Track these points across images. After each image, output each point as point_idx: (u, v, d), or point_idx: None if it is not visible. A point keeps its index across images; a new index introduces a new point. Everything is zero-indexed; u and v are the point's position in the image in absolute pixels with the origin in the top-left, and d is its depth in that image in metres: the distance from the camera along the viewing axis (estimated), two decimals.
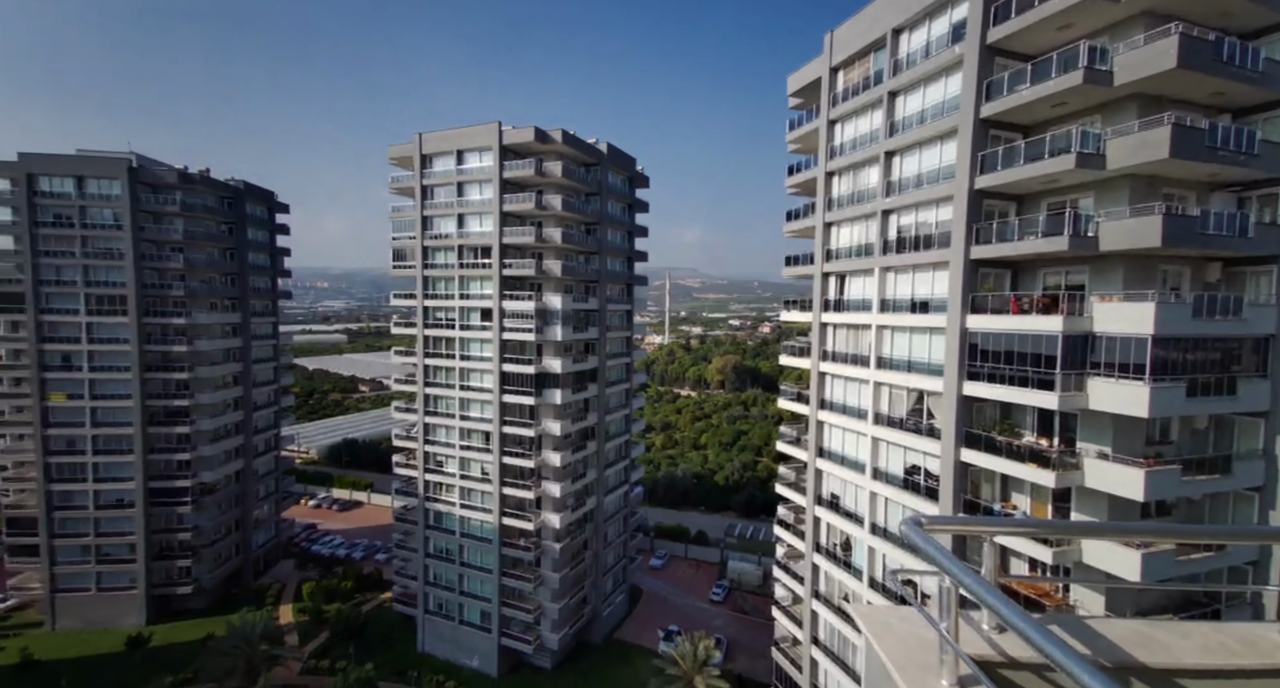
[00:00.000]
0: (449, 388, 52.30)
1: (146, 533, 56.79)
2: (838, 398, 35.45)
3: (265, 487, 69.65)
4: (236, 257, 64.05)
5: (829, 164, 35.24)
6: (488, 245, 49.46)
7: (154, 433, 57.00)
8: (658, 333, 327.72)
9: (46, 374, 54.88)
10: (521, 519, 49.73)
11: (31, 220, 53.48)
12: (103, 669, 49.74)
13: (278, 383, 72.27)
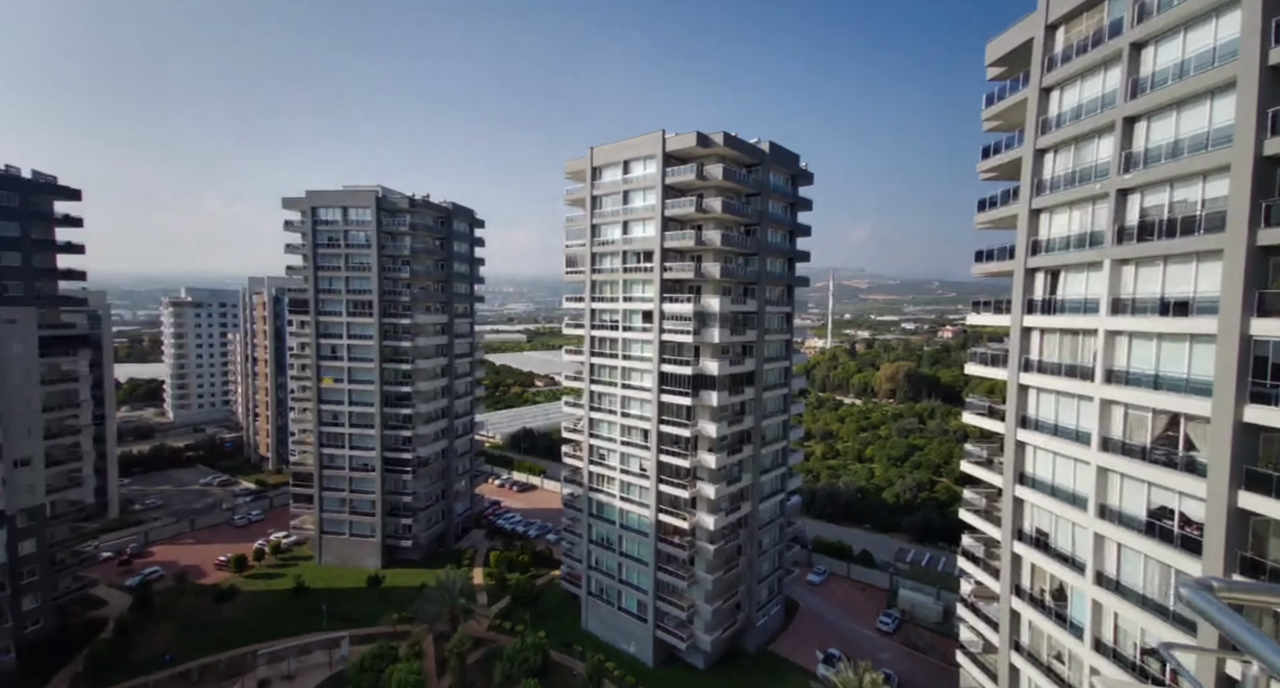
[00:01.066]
0: (612, 386, 55.56)
1: (382, 493, 70.10)
2: (1046, 416, 29.95)
3: (462, 465, 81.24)
4: (445, 267, 75.79)
5: (1040, 140, 29.96)
6: (649, 250, 51.50)
7: (388, 413, 70.04)
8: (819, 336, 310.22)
9: (321, 362, 70.72)
10: (677, 517, 50.81)
11: (314, 243, 69.38)
12: (350, 599, 62.51)
13: (473, 376, 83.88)
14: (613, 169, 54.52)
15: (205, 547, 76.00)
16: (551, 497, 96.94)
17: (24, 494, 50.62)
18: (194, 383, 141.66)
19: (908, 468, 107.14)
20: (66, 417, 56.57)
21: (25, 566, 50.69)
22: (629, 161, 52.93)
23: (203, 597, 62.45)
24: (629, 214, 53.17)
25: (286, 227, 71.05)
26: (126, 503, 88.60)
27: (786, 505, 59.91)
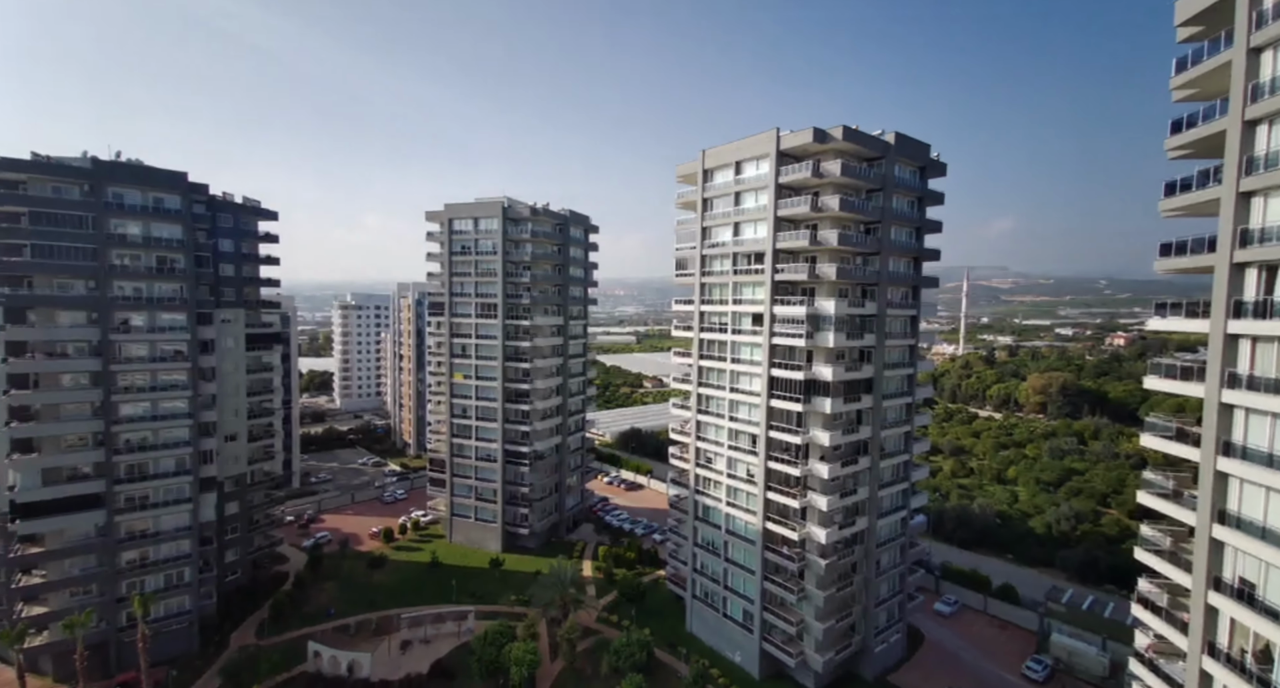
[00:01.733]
0: (720, 389, 54.90)
1: (503, 483, 75.80)
2: (1257, 443, 24.47)
3: (574, 461, 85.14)
4: (562, 271, 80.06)
5: (1250, 109, 24.59)
6: (760, 251, 50.17)
7: (508, 408, 75.57)
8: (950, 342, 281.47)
9: (453, 360, 78.21)
10: (786, 527, 48.86)
11: (449, 251, 76.97)
12: (474, 578, 68.26)
13: (585, 375, 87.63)
14: (724, 171, 53.94)
15: (362, 518, 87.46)
16: (658, 497, 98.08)
17: (231, 464, 61.92)
18: (355, 375, 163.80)
19: (1063, 494, 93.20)
20: (264, 401, 68.18)
21: (229, 524, 61.97)
22: (741, 162, 52.02)
23: (359, 562, 71.90)
24: (740, 215, 52.25)
25: (428, 237, 79.50)
26: (304, 476, 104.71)
27: (909, 524, 55.01)
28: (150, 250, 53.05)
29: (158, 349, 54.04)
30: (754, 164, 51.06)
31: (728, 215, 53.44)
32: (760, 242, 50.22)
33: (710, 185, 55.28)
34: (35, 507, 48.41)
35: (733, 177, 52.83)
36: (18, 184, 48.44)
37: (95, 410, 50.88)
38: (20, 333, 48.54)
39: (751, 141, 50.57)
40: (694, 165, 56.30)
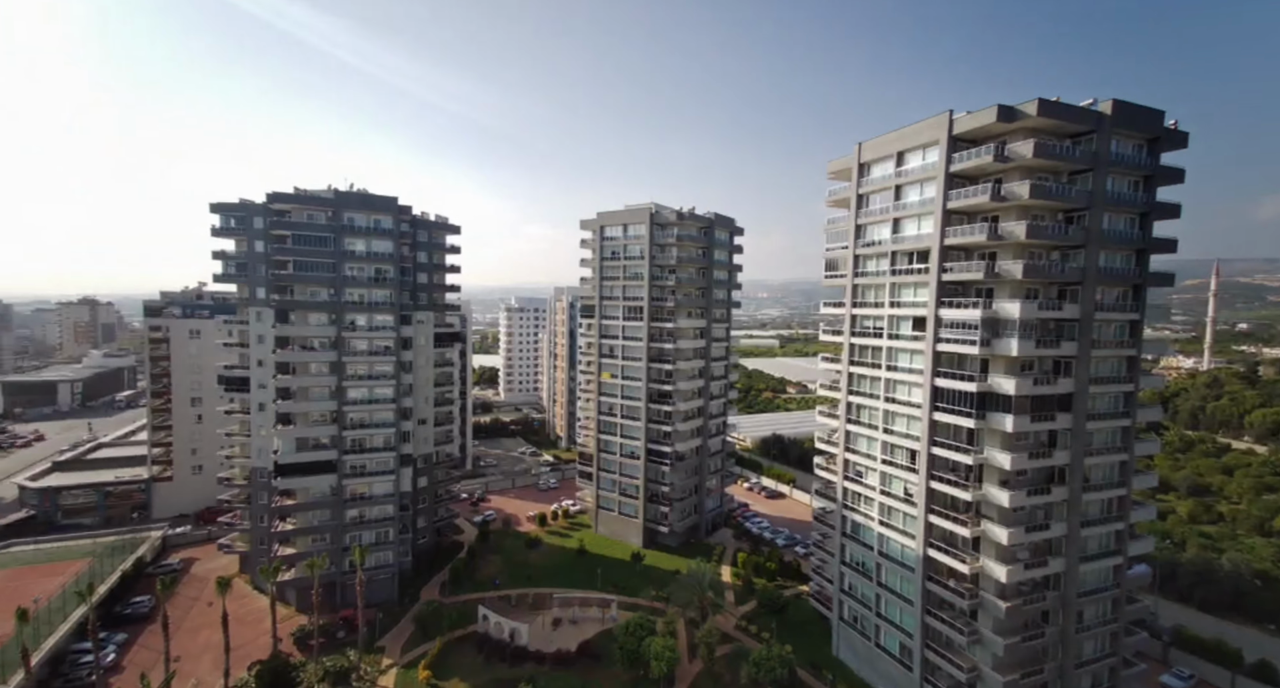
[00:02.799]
0: (873, 398, 50.83)
1: (645, 481, 78.47)
2: None
3: (714, 464, 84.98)
4: (706, 274, 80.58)
5: None
6: (924, 249, 45.47)
7: (651, 408, 78.03)
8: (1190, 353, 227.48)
9: (601, 360, 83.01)
10: (953, 557, 43.50)
11: (600, 257, 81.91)
12: (617, 569, 71.52)
13: (726, 378, 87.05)
14: (883, 163, 49.91)
15: (520, 502, 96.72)
16: (800, 507, 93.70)
17: (422, 445, 72.58)
18: (517, 371, 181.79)
19: None
20: (446, 391, 78.94)
21: (420, 496, 72.61)
22: (904, 153, 47.69)
23: (518, 541, 79.61)
24: (901, 211, 47.94)
25: (581, 244, 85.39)
26: (475, 460, 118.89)
27: (1126, 574, 45.55)
28: (370, 263, 64.58)
29: (373, 344, 65.55)
30: (919, 153, 46.46)
31: (885, 211, 49.33)
32: (924, 238, 45.53)
33: (866, 180, 51.53)
34: (290, 468, 61.67)
35: (893, 169, 48.63)
36: (284, 212, 62.26)
37: (332, 393, 63.28)
38: (285, 330, 62.19)
39: (917, 129, 46.10)
40: (847, 161, 52.97)
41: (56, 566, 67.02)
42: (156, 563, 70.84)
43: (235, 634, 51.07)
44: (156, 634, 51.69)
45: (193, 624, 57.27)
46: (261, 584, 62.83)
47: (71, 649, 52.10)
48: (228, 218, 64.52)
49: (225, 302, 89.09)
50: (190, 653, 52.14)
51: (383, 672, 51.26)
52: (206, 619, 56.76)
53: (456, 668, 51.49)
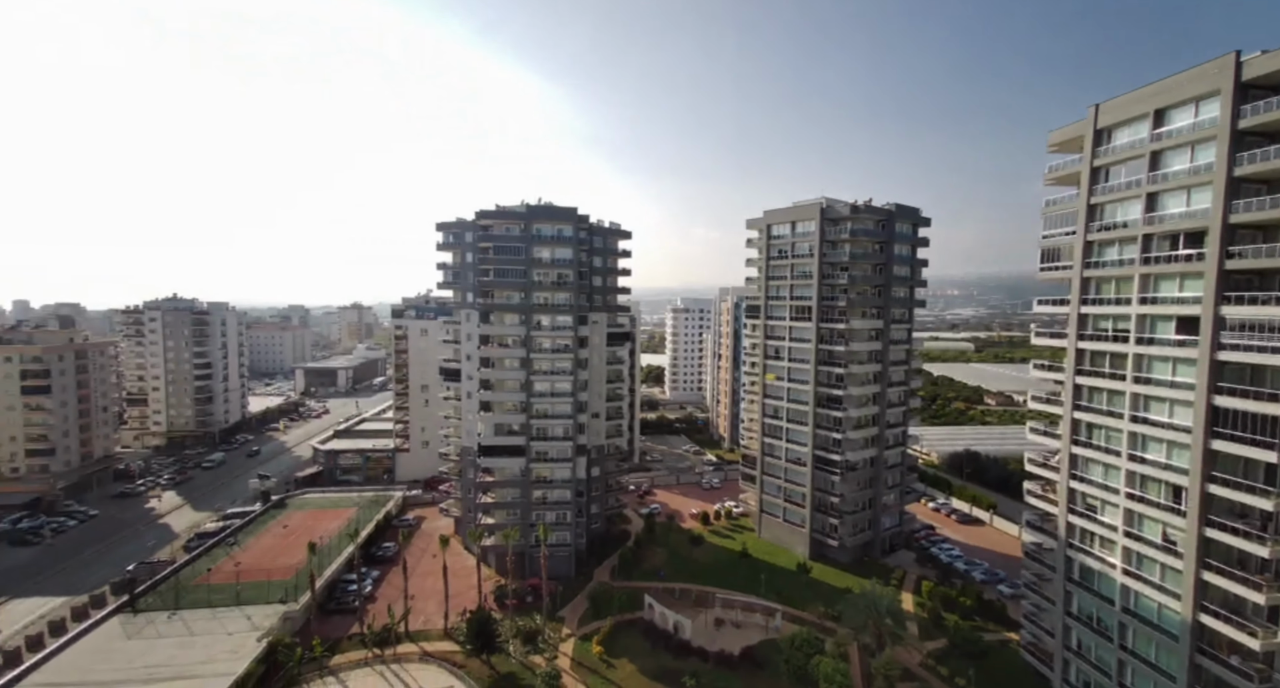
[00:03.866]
0: (1112, 417, 41.38)
1: (811, 489, 74.54)
2: None
3: (892, 477, 77.18)
4: (883, 271, 73.54)
5: None
6: (1198, 229, 35.63)
7: (819, 413, 73.75)
8: None
9: (766, 361, 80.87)
10: (1239, 628, 33.40)
11: (766, 256, 79.83)
12: (780, 577, 69.05)
13: (907, 385, 78.40)
14: (1132, 126, 40.41)
15: (684, 498, 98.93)
16: (1004, 539, 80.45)
17: (595, 437, 78.35)
18: (681, 371, 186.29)
19: None
20: (616, 388, 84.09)
21: (594, 484, 78.47)
22: (1165, 110, 38.06)
23: (682, 537, 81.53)
24: (1160, 183, 38.31)
25: (747, 244, 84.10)
26: (642, 454, 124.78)
27: None
28: (554, 268, 71.74)
29: (555, 342, 72.69)
30: (1189, 109, 36.62)
31: (1135, 185, 39.80)
32: (1197, 216, 35.74)
33: (1106, 149, 42.13)
34: (490, 449, 71.40)
35: (1147, 131, 39.02)
36: (488, 227, 72.18)
37: (521, 386, 71.77)
38: (486, 329, 72.18)
39: (1185, 78, 36.39)
40: (1077, 128, 43.92)
41: (334, 511, 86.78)
42: (399, 517, 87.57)
43: (451, 584, 60.74)
44: (398, 575, 63.95)
45: (423, 570, 69.51)
46: (470, 546, 73.77)
47: (342, 578, 67.03)
48: (448, 234, 76.99)
49: (445, 305, 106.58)
50: (421, 593, 63.35)
51: (563, 640, 56.58)
52: (431, 568, 68.44)
53: (625, 649, 54.58)
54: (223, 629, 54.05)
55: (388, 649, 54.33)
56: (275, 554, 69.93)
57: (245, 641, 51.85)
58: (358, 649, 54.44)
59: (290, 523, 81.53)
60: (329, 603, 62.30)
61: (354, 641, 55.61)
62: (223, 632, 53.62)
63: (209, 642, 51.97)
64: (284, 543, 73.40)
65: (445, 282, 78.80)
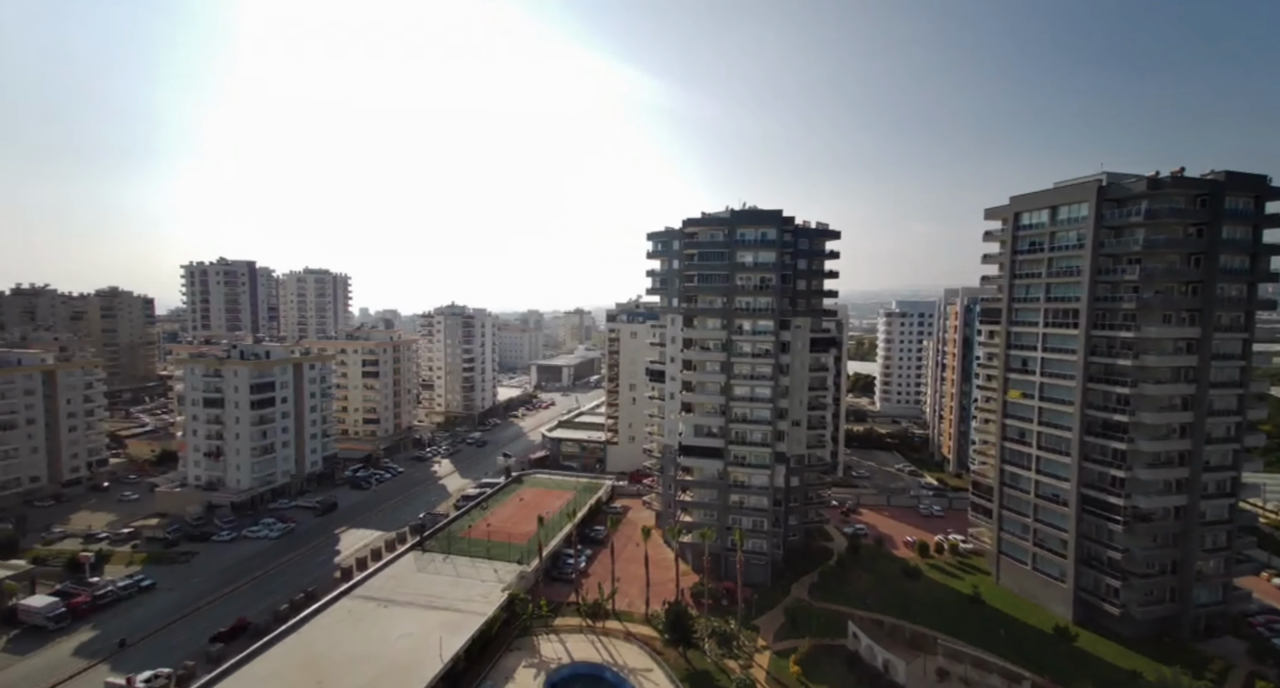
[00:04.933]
0: None
1: (1077, 536, 59.75)
2: None
3: (1213, 538, 57.60)
4: (1202, 262, 55.36)
5: None
6: None
7: (1090, 443, 58.75)
8: None
9: (1009, 374, 67.61)
10: None
11: (1012, 250, 66.82)
12: (1030, 639, 56.80)
13: (1241, 415, 57.65)
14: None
15: (896, 523, 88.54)
16: None
17: (794, 445, 74.96)
18: (895, 381, 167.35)
19: None
20: (819, 396, 79.27)
21: (792, 495, 75.13)
22: None
23: (893, 565, 73.06)
24: None
25: (985, 237, 71.58)
26: (847, 469, 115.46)
27: None
28: (756, 272, 70.94)
29: (755, 347, 71.75)
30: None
31: None
32: None
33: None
34: (689, 449, 73.69)
35: None
36: (694, 234, 74.63)
37: (721, 389, 72.51)
38: (688, 333, 74.74)
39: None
40: None
41: (557, 492, 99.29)
42: (608, 505, 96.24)
43: (652, 573, 64.36)
44: (606, 557, 70.25)
45: (627, 556, 75.14)
46: (669, 540, 77.21)
47: (562, 552, 76.16)
48: (656, 242, 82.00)
49: (653, 310, 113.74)
50: (626, 577, 68.43)
51: (758, 650, 55.40)
52: (634, 555, 73.53)
53: (824, 676, 51.03)
54: (477, 576, 65.94)
55: (598, 622, 59.93)
56: (514, 521, 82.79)
57: (493, 589, 62.41)
58: (574, 616, 61.22)
59: (525, 497, 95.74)
60: (552, 570, 71.31)
61: (570, 608, 62.68)
62: (477, 578, 65.41)
63: (468, 584, 63.88)
64: (520, 513, 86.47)
65: (653, 287, 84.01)
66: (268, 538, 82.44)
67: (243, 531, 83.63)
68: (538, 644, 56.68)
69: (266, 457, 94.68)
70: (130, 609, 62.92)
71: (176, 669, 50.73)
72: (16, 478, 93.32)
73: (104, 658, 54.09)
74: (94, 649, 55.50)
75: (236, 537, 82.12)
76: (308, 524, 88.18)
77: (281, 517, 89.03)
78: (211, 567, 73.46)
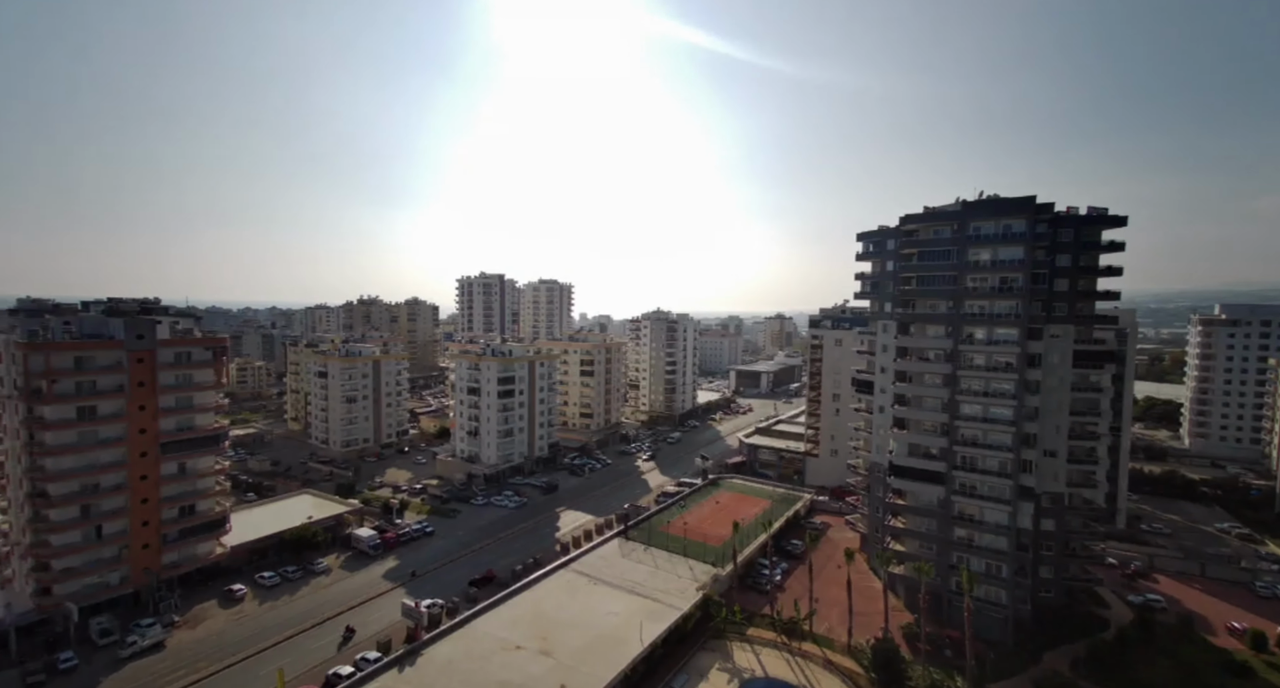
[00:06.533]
0: None
1: None
2: None
3: None
4: None
5: None
6: None
7: None
8: None
9: None
10: None
11: None
12: None
13: None
14: None
15: (1215, 601, 65.87)
16: None
17: (1048, 481, 61.02)
18: (1217, 411, 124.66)
19: None
20: (1087, 423, 63.30)
21: (1044, 540, 61.21)
22: None
23: (1208, 655, 54.56)
24: None
25: None
26: (1133, 519, 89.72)
27: None
28: (994, 273, 60.14)
29: (991, 359, 60.71)
30: None
31: None
32: None
33: None
34: (902, 469, 65.66)
35: None
36: (913, 232, 66.69)
37: (944, 405, 63.13)
38: (904, 341, 66.78)
39: None
40: None
41: (752, 499, 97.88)
42: (806, 519, 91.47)
43: (855, 601, 59.00)
44: (804, 574, 66.76)
45: (826, 577, 70.26)
46: (875, 567, 69.99)
47: (757, 560, 74.73)
48: (867, 243, 75.47)
49: (860, 315, 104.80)
50: (825, 599, 63.96)
51: None
52: (835, 578, 68.41)
53: None
54: (674, 571, 68.80)
55: (793, 641, 57.29)
56: (710, 523, 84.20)
57: (688, 586, 64.45)
58: (767, 630, 59.54)
59: (721, 500, 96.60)
60: (746, 578, 70.46)
61: (764, 620, 61.10)
62: (674, 573, 68.25)
63: (665, 578, 67.08)
64: (715, 516, 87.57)
65: (862, 291, 77.44)
66: (507, 507, 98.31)
67: (490, 498, 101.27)
68: (731, 649, 56.64)
69: (507, 439, 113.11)
70: (419, 548, 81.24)
71: (447, 602, 63.83)
72: (355, 439, 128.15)
73: (401, 583, 70.83)
74: (396, 575, 73.05)
75: (486, 503, 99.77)
76: (535, 501, 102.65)
77: (517, 491, 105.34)
78: (470, 524, 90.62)
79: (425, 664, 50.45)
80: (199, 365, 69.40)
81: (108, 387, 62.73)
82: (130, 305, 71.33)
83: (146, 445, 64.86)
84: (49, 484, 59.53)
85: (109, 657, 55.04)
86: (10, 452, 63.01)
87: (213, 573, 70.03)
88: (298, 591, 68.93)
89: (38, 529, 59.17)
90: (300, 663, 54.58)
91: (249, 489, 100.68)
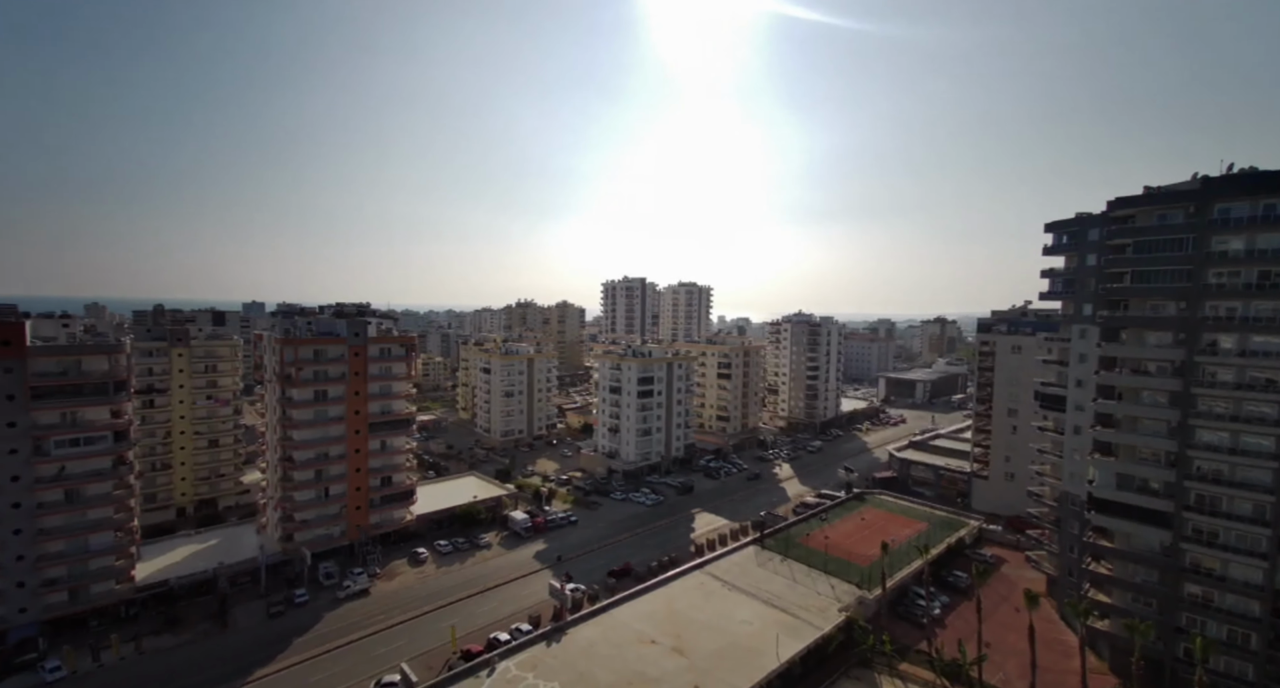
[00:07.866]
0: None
1: None
2: None
3: None
4: None
5: None
6: None
7: None
8: None
9: None
10: None
11: None
12: None
13: None
14: None
15: None
16: None
17: None
18: None
19: None
20: None
21: None
22: None
23: None
24: None
25: None
26: None
27: None
28: (1251, 265, 47.51)
29: (1245, 376, 48.01)
30: None
31: None
32: None
33: None
34: (1107, 504, 54.79)
35: None
36: (1126, 218, 55.35)
37: (1170, 430, 51.43)
38: (1112, 349, 55.68)
39: None
40: None
41: (904, 519, 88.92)
42: (973, 549, 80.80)
43: (1040, 655, 50.56)
44: (969, 611, 59.03)
45: (999, 620, 61.33)
46: (1068, 617, 59.55)
47: (911, 588, 67.73)
48: (1059, 235, 64.38)
49: (1048, 319, 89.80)
50: (998, 646, 55.88)
51: None
52: (1011, 622, 59.44)
53: None
54: (813, 587, 65.19)
55: (956, 687, 50.93)
56: (854, 541, 78.28)
57: (829, 605, 60.65)
58: (924, 668, 53.62)
59: (867, 517, 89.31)
60: (898, 606, 64.29)
61: (920, 657, 55.14)
62: (813, 589, 64.66)
63: (804, 593, 63.85)
64: (860, 533, 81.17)
65: (1052, 291, 66.22)
66: (643, 504, 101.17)
67: (629, 494, 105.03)
68: (880, 683, 52.06)
69: (645, 438, 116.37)
70: (563, 535, 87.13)
71: (589, 589, 67.60)
72: (512, 430, 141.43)
73: (549, 565, 76.53)
74: (544, 557, 79.15)
75: (625, 498, 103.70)
76: (671, 500, 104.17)
77: (654, 489, 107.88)
78: (609, 517, 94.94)
79: (569, 643, 53.86)
80: (396, 360, 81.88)
81: (335, 375, 76.77)
82: (350, 309, 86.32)
83: (359, 425, 78.18)
84: (295, 452, 74.47)
85: (329, 597, 67.34)
86: (270, 425, 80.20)
87: (403, 536, 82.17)
88: (466, 560, 78.01)
89: (285, 487, 74.32)
90: (468, 624, 61.70)
91: (429, 468, 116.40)
